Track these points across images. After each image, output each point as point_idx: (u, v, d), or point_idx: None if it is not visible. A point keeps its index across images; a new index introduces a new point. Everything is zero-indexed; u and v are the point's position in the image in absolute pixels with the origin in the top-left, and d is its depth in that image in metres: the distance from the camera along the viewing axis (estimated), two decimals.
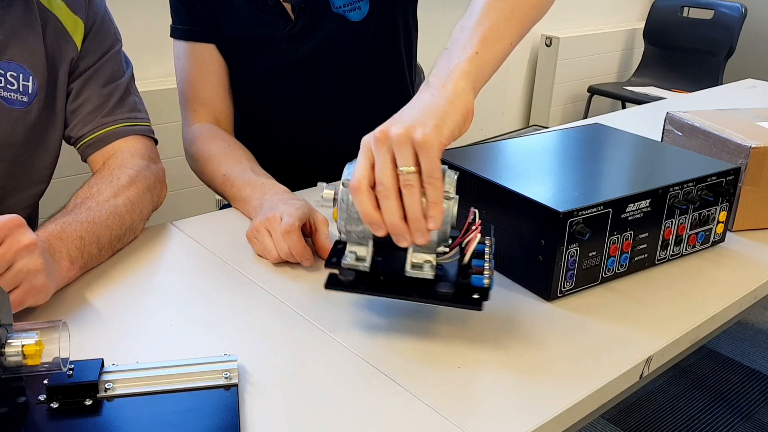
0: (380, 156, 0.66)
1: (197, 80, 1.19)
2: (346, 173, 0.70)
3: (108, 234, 0.88)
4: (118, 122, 1.01)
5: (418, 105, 0.70)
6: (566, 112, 3.75)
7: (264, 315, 0.78)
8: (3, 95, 0.91)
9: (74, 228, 0.83)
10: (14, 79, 0.91)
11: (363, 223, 0.68)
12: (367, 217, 0.67)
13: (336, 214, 0.73)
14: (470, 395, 0.65)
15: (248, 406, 0.63)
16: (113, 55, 1.02)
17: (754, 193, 0.99)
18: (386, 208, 0.66)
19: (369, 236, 0.71)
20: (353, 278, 0.71)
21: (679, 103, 1.75)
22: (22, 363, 0.56)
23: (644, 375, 0.73)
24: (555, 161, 0.97)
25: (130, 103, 1.03)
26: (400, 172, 0.65)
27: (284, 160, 1.26)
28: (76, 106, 1.00)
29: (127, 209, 0.91)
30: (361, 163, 0.67)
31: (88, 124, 1.00)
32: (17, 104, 0.92)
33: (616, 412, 1.86)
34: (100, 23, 1.00)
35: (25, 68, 0.92)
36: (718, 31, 3.44)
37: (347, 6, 1.16)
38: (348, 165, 0.71)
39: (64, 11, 0.96)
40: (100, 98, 1.00)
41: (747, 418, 1.87)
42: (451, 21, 0.78)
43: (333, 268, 0.72)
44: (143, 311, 0.78)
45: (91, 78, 1.00)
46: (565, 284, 0.81)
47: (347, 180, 0.69)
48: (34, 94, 0.93)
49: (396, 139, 0.66)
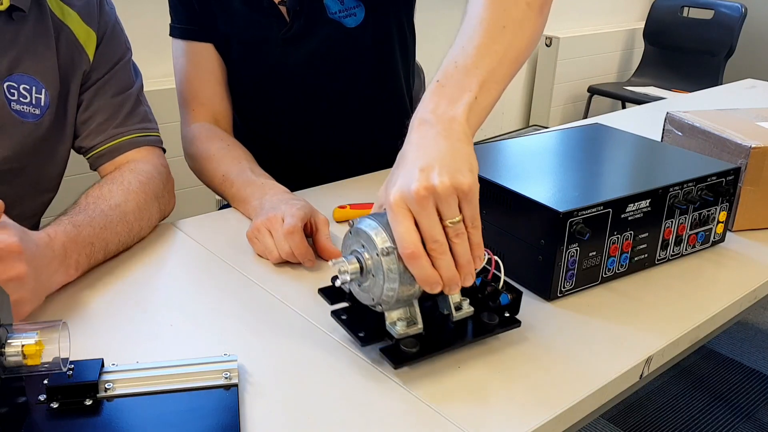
0: (426, 213, 0.62)
1: (195, 79, 1.19)
2: (378, 240, 0.64)
3: (116, 240, 0.88)
4: (130, 133, 1.01)
5: (439, 149, 0.65)
6: (566, 112, 3.75)
7: (264, 315, 0.78)
8: (16, 108, 0.91)
9: (87, 233, 0.83)
10: (27, 92, 0.91)
11: (415, 285, 0.65)
12: (429, 278, 0.63)
13: (344, 267, 0.66)
14: (470, 395, 0.65)
15: (248, 406, 0.63)
16: (124, 64, 1.02)
17: (754, 193, 0.99)
18: (444, 264, 0.63)
19: (416, 295, 0.67)
20: (418, 348, 0.66)
21: (679, 103, 1.75)
22: (22, 363, 0.56)
23: (644, 375, 0.73)
24: (555, 161, 0.97)
25: (140, 113, 1.03)
26: (448, 225, 0.63)
27: (284, 161, 1.26)
28: (87, 117, 0.99)
29: (135, 216, 0.92)
30: (404, 226, 0.62)
31: (99, 134, 0.99)
32: (29, 117, 0.92)
33: (616, 412, 1.86)
34: (111, 33, 1.00)
35: (38, 81, 0.92)
36: (718, 31, 3.44)
37: (343, 12, 1.16)
38: (364, 231, 0.65)
39: (77, 22, 0.96)
40: (112, 108, 1.00)
41: (747, 418, 1.87)
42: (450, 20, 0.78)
43: (382, 340, 0.68)
44: (143, 311, 0.78)
45: (102, 88, 1.00)
46: (565, 284, 0.81)
47: (387, 248, 0.63)
48: (46, 107, 0.93)
49: (443, 192, 0.62)
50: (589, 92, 3.59)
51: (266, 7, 1.15)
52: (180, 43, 1.19)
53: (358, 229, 0.66)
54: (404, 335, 0.67)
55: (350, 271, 0.65)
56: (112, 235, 0.87)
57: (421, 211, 0.62)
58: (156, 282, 0.86)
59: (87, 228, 0.84)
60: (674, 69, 3.61)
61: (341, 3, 1.15)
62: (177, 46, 1.19)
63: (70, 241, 0.80)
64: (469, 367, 0.69)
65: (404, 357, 0.66)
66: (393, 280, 0.64)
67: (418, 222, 0.62)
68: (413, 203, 0.62)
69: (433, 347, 0.67)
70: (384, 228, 0.64)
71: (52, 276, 0.76)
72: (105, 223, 0.86)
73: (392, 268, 0.63)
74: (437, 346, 0.68)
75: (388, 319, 0.68)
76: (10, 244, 0.69)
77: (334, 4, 1.15)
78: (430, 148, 0.65)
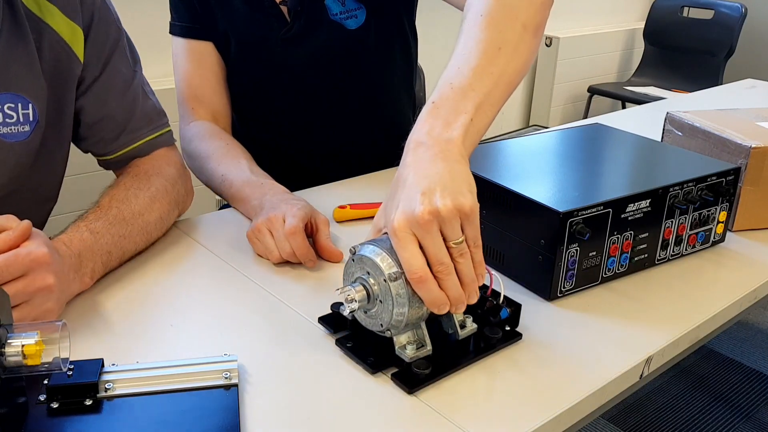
0: (430, 236, 0.62)
1: (195, 77, 1.19)
2: (385, 266, 0.64)
3: (133, 249, 0.87)
4: (143, 136, 0.97)
5: (438, 172, 0.65)
6: (566, 112, 3.75)
7: (264, 315, 0.78)
8: (3, 132, 0.83)
9: (105, 241, 0.81)
10: (13, 111, 0.83)
11: (423, 307, 0.65)
12: (437, 300, 0.63)
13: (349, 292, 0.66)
14: (470, 395, 0.65)
15: (248, 406, 0.63)
16: (119, 53, 0.94)
17: (754, 193, 0.99)
18: (451, 285, 0.64)
19: (424, 317, 0.67)
20: (430, 370, 0.66)
21: (679, 103, 1.75)
22: (22, 363, 0.56)
23: (644, 375, 0.73)
24: (555, 161, 0.97)
25: (148, 109, 0.98)
26: (451, 246, 0.63)
27: (283, 161, 1.26)
28: (93, 122, 0.94)
29: (156, 227, 0.91)
30: (410, 251, 0.63)
31: (110, 143, 0.96)
32: (20, 136, 0.85)
33: (616, 412, 1.86)
34: (97, 20, 0.90)
35: (23, 96, 0.84)
36: (718, 31, 3.44)
37: (344, 14, 1.16)
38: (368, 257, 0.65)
39: (58, 18, 0.86)
40: (119, 113, 0.95)
41: (747, 418, 1.87)
42: (451, 21, 0.78)
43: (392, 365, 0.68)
44: (143, 311, 0.78)
45: (103, 90, 0.93)
46: (565, 284, 0.81)
47: (395, 273, 0.63)
48: (35, 121, 0.86)
49: (447, 215, 0.62)
50: (589, 92, 3.59)
51: (267, 6, 1.15)
52: (180, 41, 1.19)
53: (361, 256, 0.66)
54: (415, 358, 0.67)
55: (358, 298, 0.65)
56: (131, 244, 0.86)
57: (426, 234, 0.62)
58: (156, 282, 0.85)
59: (106, 236, 0.82)
60: (674, 69, 3.61)
61: (342, 5, 1.15)
62: (177, 44, 1.19)
63: (87, 249, 0.79)
64: (468, 368, 0.69)
65: (417, 380, 0.65)
66: (402, 305, 0.64)
67: (423, 245, 0.63)
68: (418, 228, 0.62)
69: (444, 367, 0.67)
70: (388, 253, 0.64)
71: (70, 285, 0.76)
72: (125, 233, 0.84)
73: (401, 293, 0.64)
74: (448, 365, 0.68)
75: (397, 344, 0.68)
76: (40, 255, 0.68)
77: (335, 5, 1.15)
78: (429, 170, 0.65)
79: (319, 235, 0.89)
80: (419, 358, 0.67)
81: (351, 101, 1.24)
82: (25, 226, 0.69)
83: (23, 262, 0.67)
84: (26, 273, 0.67)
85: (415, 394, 0.65)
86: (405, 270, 0.63)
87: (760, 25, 3.79)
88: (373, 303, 0.66)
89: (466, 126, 0.69)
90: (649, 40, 3.71)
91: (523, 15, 0.77)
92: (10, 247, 0.67)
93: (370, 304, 0.66)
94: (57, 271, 0.70)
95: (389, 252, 0.64)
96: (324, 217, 0.91)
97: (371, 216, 1.00)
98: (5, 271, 0.65)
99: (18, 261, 0.66)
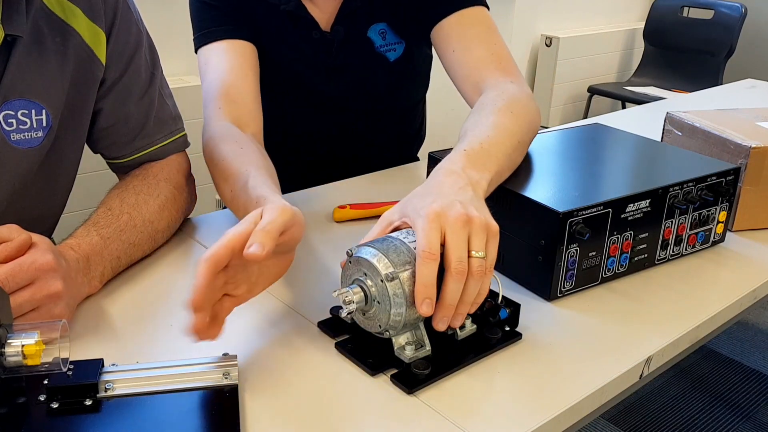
0: (458, 235, 0.64)
1: (231, 73, 1.08)
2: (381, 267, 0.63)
3: (140, 255, 0.88)
4: (157, 142, 0.96)
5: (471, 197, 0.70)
6: (566, 112, 3.75)
7: (264, 315, 0.78)
8: (15, 139, 0.83)
9: (116, 246, 0.82)
10: (26, 117, 0.83)
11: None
12: (426, 289, 0.62)
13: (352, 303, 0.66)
14: (470, 395, 0.65)
15: (248, 406, 0.63)
16: (139, 56, 0.93)
17: (754, 193, 0.99)
18: (452, 289, 0.63)
19: (422, 317, 0.66)
20: (429, 370, 0.66)
21: (679, 103, 1.75)
22: (22, 363, 0.56)
23: (644, 375, 0.73)
24: (555, 161, 0.97)
25: (164, 115, 0.97)
26: (473, 255, 0.64)
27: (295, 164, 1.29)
28: (108, 126, 0.93)
29: (164, 235, 0.92)
30: (434, 235, 0.63)
31: (124, 146, 0.95)
32: (33, 142, 0.85)
33: (616, 412, 1.86)
34: (119, 19, 0.89)
35: (37, 103, 0.83)
36: (718, 31, 3.44)
37: (384, 47, 1.19)
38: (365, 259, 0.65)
39: (81, 20, 0.85)
40: (134, 118, 0.94)
41: (747, 418, 1.87)
42: None
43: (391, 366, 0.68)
44: (143, 311, 0.78)
45: (121, 93, 0.92)
46: (565, 284, 0.81)
47: (391, 273, 0.63)
48: (48, 126, 0.85)
49: (479, 225, 0.65)
50: (589, 92, 3.59)
51: (316, 39, 1.16)
52: (215, 47, 1.10)
53: (358, 257, 0.66)
54: (414, 358, 0.67)
55: (355, 300, 0.65)
56: (139, 252, 0.87)
57: (455, 231, 0.64)
58: (156, 282, 0.85)
59: (116, 243, 0.82)
60: (674, 69, 3.61)
61: (383, 38, 1.18)
62: (212, 51, 1.10)
63: (96, 254, 0.79)
64: (468, 367, 0.69)
65: (417, 381, 0.65)
66: (399, 305, 0.64)
67: (447, 240, 0.64)
68: (450, 223, 0.64)
69: (443, 367, 0.67)
70: (385, 254, 0.64)
71: (79, 289, 0.76)
72: (135, 241, 0.85)
73: (398, 293, 0.64)
74: (447, 365, 0.68)
75: (396, 345, 0.68)
76: (45, 263, 0.68)
77: (378, 38, 1.18)
78: (463, 192, 0.71)
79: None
80: (418, 358, 0.67)
81: (379, 120, 1.28)
82: (24, 239, 0.69)
83: (28, 271, 0.67)
84: (33, 281, 0.67)
85: (415, 395, 0.65)
86: (418, 245, 0.63)
87: (760, 25, 3.79)
88: (371, 304, 0.66)
89: (489, 180, 0.77)
90: (649, 40, 3.71)
91: (525, 129, 0.91)
92: (9, 258, 0.67)
93: (368, 305, 0.66)
94: (64, 276, 0.70)
95: (385, 252, 0.64)
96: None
97: (371, 216, 1.01)
98: (11, 281, 0.65)
99: (23, 270, 0.66)
